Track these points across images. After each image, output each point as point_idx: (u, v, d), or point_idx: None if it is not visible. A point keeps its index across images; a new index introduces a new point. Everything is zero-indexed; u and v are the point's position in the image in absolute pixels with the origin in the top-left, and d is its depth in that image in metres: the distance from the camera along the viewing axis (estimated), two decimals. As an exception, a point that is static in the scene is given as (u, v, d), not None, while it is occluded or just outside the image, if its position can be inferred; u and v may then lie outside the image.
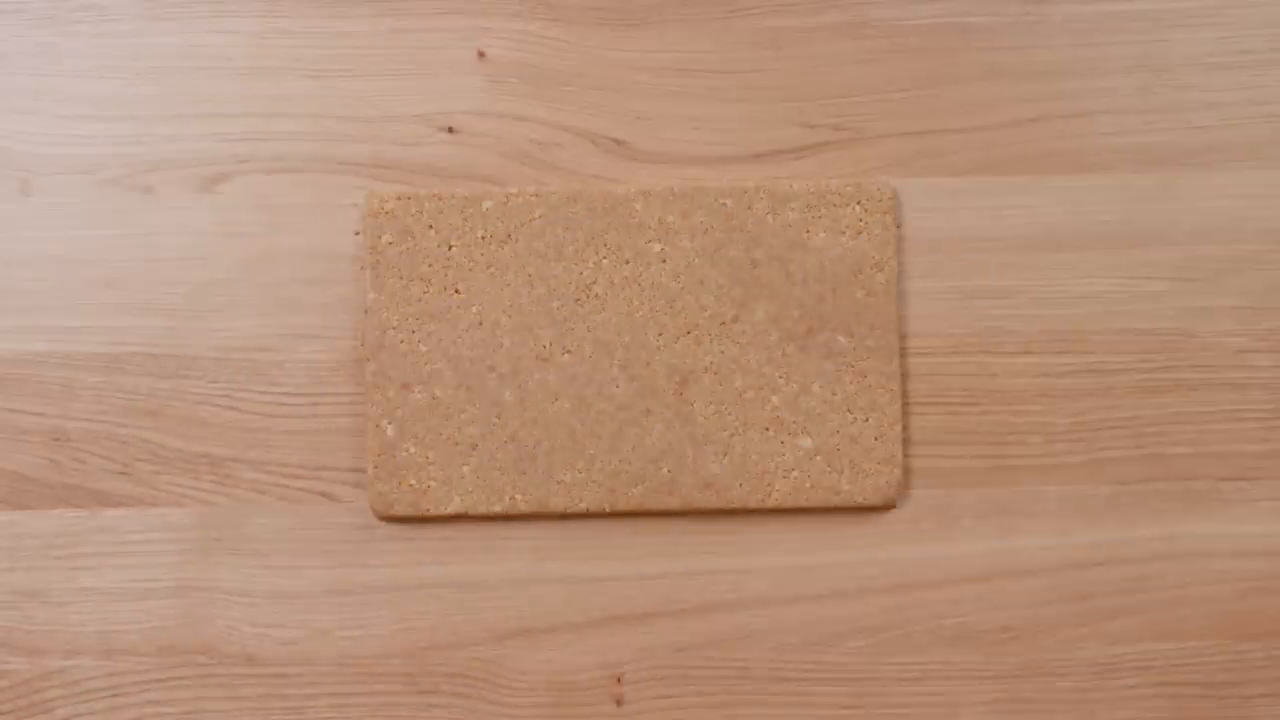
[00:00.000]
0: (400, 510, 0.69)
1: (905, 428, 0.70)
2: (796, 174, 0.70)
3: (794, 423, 0.69)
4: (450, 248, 0.69)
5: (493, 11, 0.71)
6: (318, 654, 0.69)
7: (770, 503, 0.69)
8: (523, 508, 0.69)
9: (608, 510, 0.69)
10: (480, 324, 0.69)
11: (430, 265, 0.69)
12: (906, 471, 0.70)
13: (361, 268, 0.70)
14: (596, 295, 0.69)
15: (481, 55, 0.71)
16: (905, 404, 0.70)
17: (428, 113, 0.71)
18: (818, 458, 0.69)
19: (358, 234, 0.70)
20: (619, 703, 0.70)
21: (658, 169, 0.71)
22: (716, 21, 0.71)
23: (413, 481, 0.69)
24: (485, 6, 0.71)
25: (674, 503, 0.69)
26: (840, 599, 0.69)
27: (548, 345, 0.69)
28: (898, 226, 0.70)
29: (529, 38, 0.71)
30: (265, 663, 0.69)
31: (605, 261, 0.69)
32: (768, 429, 0.69)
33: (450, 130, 0.71)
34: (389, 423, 0.69)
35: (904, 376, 0.70)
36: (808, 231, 0.69)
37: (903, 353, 0.70)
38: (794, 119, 0.71)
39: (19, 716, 0.69)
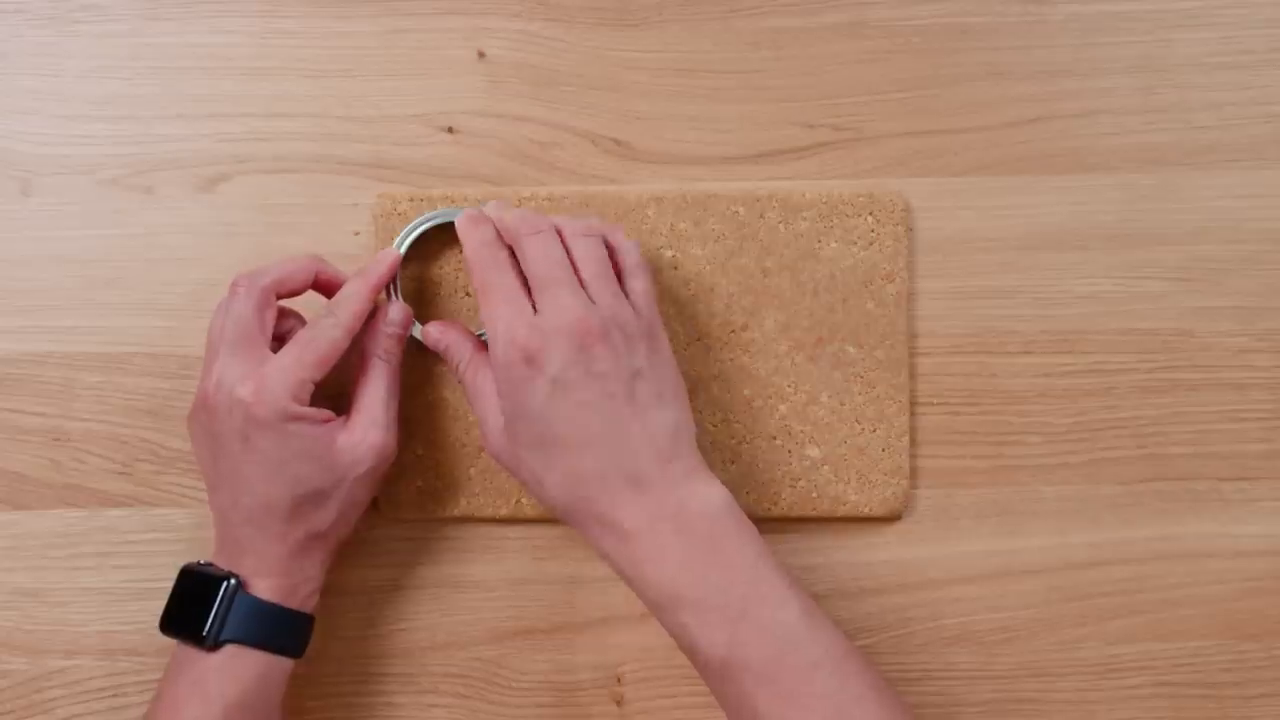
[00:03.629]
0: (407, 512, 0.69)
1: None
2: (797, 174, 0.70)
3: (802, 432, 0.69)
4: (461, 249, 0.69)
5: (493, 11, 0.71)
6: (318, 654, 0.69)
7: (776, 512, 0.69)
8: (528, 511, 0.69)
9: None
10: (489, 326, 0.69)
11: (441, 267, 0.69)
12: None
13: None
14: (606, 301, 0.69)
15: (481, 55, 0.71)
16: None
17: (428, 113, 0.70)
18: (825, 468, 0.69)
19: (357, 234, 0.70)
20: (619, 703, 0.70)
21: (657, 169, 0.71)
22: (716, 21, 0.71)
23: (419, 483, 0.69)
24: (485, 6, 0.71)
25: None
26: (841, 599, 0.69)
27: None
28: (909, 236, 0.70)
29: (529, 38, 0.71)
30: (265, 663, 0.69)
31: (616, 267, 0.69)
32: (775, 438, 0.69)
33: (450, 130, 0.70)
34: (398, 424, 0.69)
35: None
36: (819, 241, 0.69)
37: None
38: (794, 119, 0.71)
39: (19, 716, 0.69)
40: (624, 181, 0.70)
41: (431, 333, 0.66)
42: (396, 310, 0.66)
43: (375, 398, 0.64)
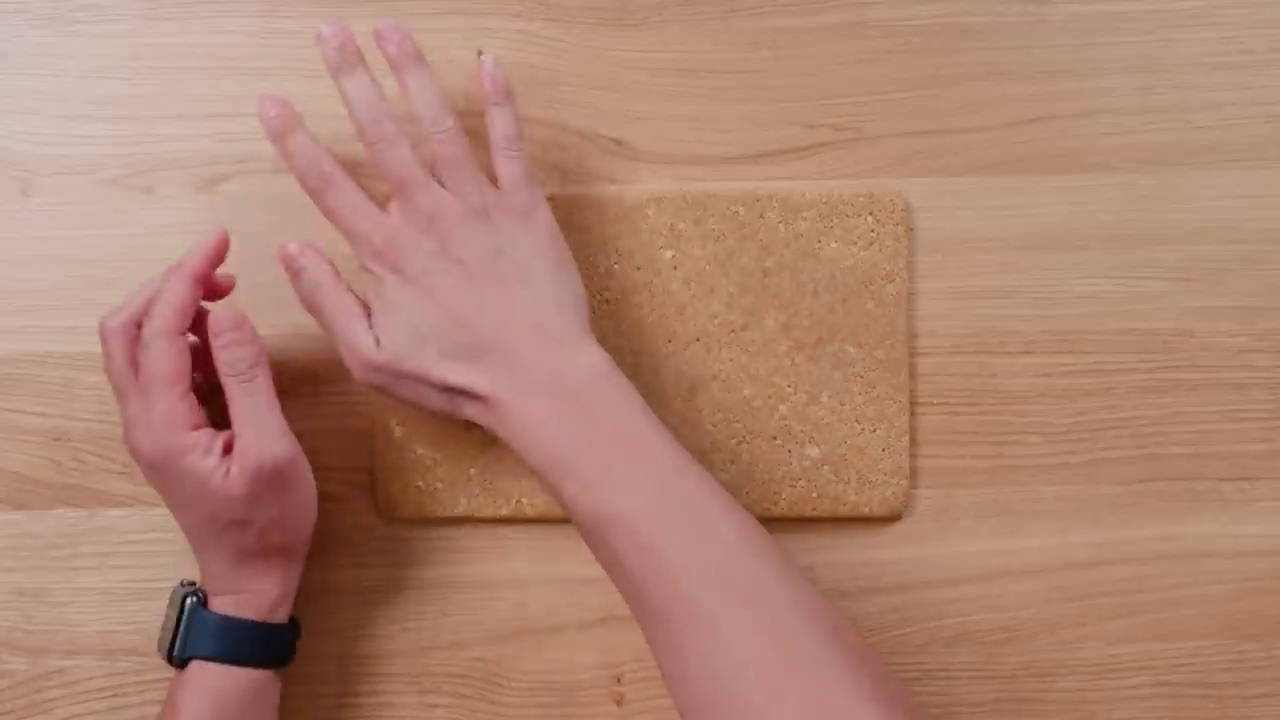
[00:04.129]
0: (407, 512, 0.69)
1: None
2: (797, 174, 0.70)
3: (801, 432, 0.69)
4: None
5: (493, 11, 0.71)
6: (318, 654, 0.69)
7: (776, 512, 0.69)
8: (529, 511, 0.69)
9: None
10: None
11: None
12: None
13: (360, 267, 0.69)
14: (607, 301, 0.69)
15: (481, 55, 0.70)
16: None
17: (428, 113, 0.70)
18: (825, 467, 0.69)
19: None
20: (619, 703, 0.70)
21: (658, 169, 0.71)
22: (716, 21, 0.71)
23: (420, 484, 0.69)
24: (485, 6, 0.71)
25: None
26: (841, 599, 0.69)
27: (556, 348, 0.69)
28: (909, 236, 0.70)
29: (529, 38, 0.71)
30: (265, 663, 0.69)
31: (616, 267, 0.69)
32: (775, 438, 0.69)
33: (450, 130, 0.70)
34: (397, 424, 0.69)
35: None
36: (819, 241, 0.69)
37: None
38: (794, 119, 0.71)
39: (19, 716, 0.69)
40: (624, 181, 0.70)
41: (289, 249, 0.63)
42: (218, 321, 0.61)
43: (241, 418, 0.61)
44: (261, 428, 0.61)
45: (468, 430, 0.68)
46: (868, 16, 0.71)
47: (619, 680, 0.70)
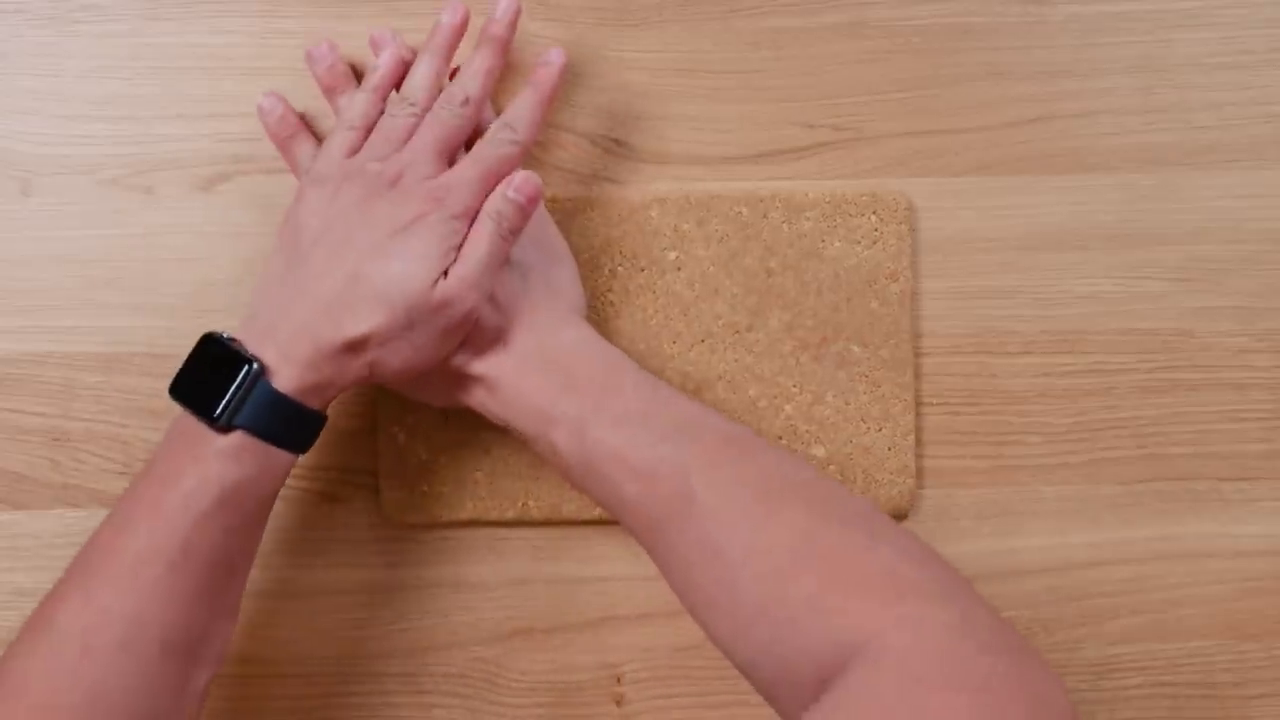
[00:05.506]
0: (413, 517, 0.69)
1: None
2: (797, 174, 0.70)
3: (807, 432, 0.69)
4: None
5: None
6: (318, 654, 0.69)
7: (781, 511, 0.69)
8: (535, 514, 0.69)
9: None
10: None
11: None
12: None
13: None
14: (611, 303, 0.69)
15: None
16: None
17: (428, 112, 0.70)
18: (830, 467, 0.69)
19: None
20: (619, 703, 0.70)
21: (658, 169, 0.71)
22: (716, 21, 0.71)
23: (425, 487, 0.69)
24: (485, 6, 0.70)
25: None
26: (841, 599, 0.69)
27: (560, 350, 0.69)
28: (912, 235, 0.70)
29: (529, 38, 0.70)
30: (265, 663, 0.69)
31: (620, 269, 0.69)
32: (781, 438, 0.69)
33: (450, 130, 0.70)
34: (400, 429, 0.68)
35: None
36: (823, 241, 0.69)
37: (904, 353, 0.70)
38: (794, 119, 0.71)
39: (19, 717, 0.69)
40: (624, 182, 0.70)
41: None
42: (522, 179, 0.62)
43: (471, 254, 0.61)
44: (483, 272, 0.61)
45: (471, 433, 0.68)
46: (868, 16, 0.71)
47: (619, 680, 0.70)
